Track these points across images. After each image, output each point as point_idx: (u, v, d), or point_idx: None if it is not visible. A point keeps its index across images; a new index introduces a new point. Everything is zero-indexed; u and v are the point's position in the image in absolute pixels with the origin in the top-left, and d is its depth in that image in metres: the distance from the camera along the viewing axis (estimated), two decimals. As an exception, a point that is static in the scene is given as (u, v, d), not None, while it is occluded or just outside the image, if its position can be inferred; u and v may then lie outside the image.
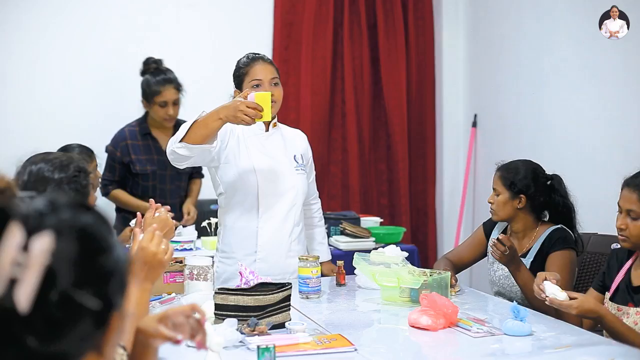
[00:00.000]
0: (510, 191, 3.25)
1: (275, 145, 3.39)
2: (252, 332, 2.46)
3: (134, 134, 4.50)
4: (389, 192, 5.70)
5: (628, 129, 4.14)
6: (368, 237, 4.42)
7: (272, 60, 3.41)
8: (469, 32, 5.64)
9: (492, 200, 3.30)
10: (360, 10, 5.55)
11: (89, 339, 1.00)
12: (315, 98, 5.49)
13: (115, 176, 4.47)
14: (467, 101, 5.67)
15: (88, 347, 1.00)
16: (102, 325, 1.01)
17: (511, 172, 3.28)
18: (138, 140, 4.49)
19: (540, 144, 4.79)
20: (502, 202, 3.27)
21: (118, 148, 4.47)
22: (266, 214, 3.31)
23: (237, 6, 5.45)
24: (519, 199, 3.25)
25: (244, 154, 3.28)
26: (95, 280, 1.00)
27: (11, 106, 5.00)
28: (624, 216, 2.67)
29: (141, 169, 4.45)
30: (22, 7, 5.01)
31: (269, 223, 3.31)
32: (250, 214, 3.31)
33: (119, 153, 4.46)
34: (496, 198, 3.28)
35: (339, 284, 3.31)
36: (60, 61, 5.09)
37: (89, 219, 1.03)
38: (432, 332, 2.57)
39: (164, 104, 4.46)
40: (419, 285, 2.89)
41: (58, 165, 2.15)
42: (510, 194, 3.25)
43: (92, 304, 0.98)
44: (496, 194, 3.29)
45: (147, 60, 4.59)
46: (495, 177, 3.32)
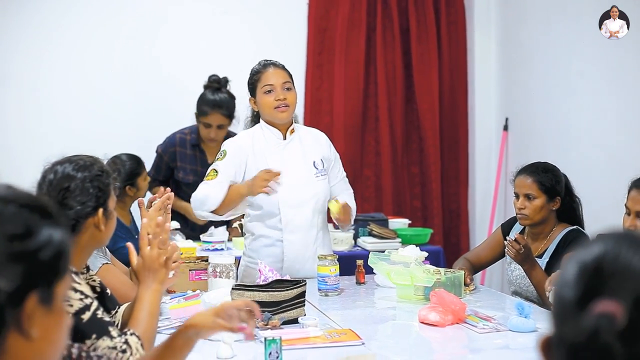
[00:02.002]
0: (546, 195, 3.25)
1: (294, 154, 3.44)
2: (265, 326, 2.58)
3: (184, 142, 4.65)
4: (421, 194, 5.78)
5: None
6: (394, 238, 4.51)
7: (284, 66, 3.48)
8: (500, 37, 5.69)
9: (524, 205, 3.25)
10: (392, 15, 5.64)
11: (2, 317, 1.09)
12: (349, 102, 5.60)
13: (160, 176, 4.67)
14: (498, 105, 5.72)
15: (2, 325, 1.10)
16: (15, 305, 1.10)
17: (547, 175, 3.27)
18: (187, 149, 4.64)
19: (568, 147, 4.83)
20: (539, 206, 3.23)
21: (167, 153, 4.64)
22: (289, 225, 3.38)
23: (271, 13, 5.58)
24: (554, 202, 3.28)
25: (263, 168, 3.32)
26: (5, 262, 1.10)
27: (18, 108, 5.21)
28: (633, 217, 2.73)
29: (184, 177, 4.61)
30: (46, 12, 5.23)
31: (293, 234, 3.39)
32: (274, 225, 3.39)
33: (166, 158, 4.64)
34: (529, 203, 3.24)
35: (358, 283, 3.42)
36: (84, 65, 5.28)
37: (11, 207, 1.15)
38: (441, 328, 2.67)
39: (208, 126, 4.55)
40: (432, 283, 2.98)
41: (82, 165, 2.29)
42: (547, 198, 3.25)
43: (2, 284, 1.08)
44: (530, 198, 3.25)
45: (210, 77, 4.67)
46: (528, 181, 3.26)
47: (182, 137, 4.66)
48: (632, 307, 0.96)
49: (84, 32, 5.28)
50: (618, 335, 0.95)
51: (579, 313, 0.98)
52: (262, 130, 3.46)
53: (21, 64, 5.20)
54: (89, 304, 2.10)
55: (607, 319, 0.95)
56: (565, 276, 1.03)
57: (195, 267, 3.28)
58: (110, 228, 2.33)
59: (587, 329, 0.96)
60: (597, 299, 0.97)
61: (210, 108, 4.52)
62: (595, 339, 0.95)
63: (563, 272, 1.04)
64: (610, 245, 1.02)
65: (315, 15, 5.57)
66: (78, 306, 2.07)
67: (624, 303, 0.96)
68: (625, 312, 0.95)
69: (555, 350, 1.02)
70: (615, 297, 0.96)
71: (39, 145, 4.66)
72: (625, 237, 1.04)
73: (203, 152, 4.65)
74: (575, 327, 0.98)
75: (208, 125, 4.54)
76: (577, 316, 0.98)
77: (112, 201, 2.34)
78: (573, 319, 0.99)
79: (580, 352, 0.97)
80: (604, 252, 1.01)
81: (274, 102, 3.36)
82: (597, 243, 1.03)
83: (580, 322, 0.97)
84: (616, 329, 0.95)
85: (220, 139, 4.40)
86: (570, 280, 1.01)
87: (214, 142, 4.54)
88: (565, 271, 1.03)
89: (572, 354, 0.98)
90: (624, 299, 0.96)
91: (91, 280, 2.45)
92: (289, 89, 3.39)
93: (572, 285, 1.01)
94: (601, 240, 1.04)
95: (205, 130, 4.56)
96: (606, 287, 0.98)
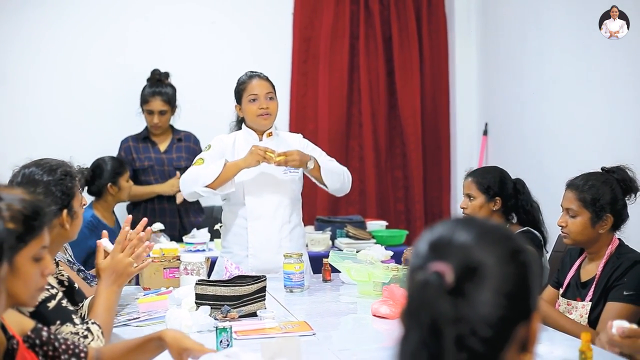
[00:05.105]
0: (485, 194, 3.45)
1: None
2: (224, 318, 2.76)
3: (135, 138, 5.09)
4: (405, 198, 5.95)
5: (623, 131, 4.28)
6: (369, 240, 4.68)
7: (268, 77, 3.78)
8: (480, 44, 5.86)
9: (466, 205, 3.47)
10: (375, 24, 5.82)
11: None
12: (333, 109, 5.78)
13: None
14: (478, 110, 5.89)
15: None
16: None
17: (485, 177, 3.48)
18: (138, 143, 5.06)
19: (545, 150, 4.99)
20: (478, 205, 3.43)
21: (122, 149, 5.03)
22: (253, 214, 3.69)
23: (258, 24, 5.77)
24: (494, 202, 3.47)
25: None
26: None
27: (12, 110, 5.42)
28: (564, 214, 2.92)
29: (140, 165, 4.97)
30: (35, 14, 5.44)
31: (256, 222, 3.69)
32: (241, 214, 3.71)
33: (123, 154, 5.00)
34: (470, 203, 3.46)
35: (324, 280, 3.59)
36: (71, 71, 5.50)
37: None
38: (391, 320, 2.83)
39: (151, 112, 5.02)
40: (389, 279, 3.15)
41: (47, 169, 2.48)
42: (486, 197, 3.46)
43: None
44: (470, 198, 3.46)
45: (154, 71, 5.12)
46: (467, 182, 3.49)
47: (132, 136, 5.10)
48: (460, 270, 1.16)
49: (68, 40, 5.49)
50: (445, 291, 1.15)
51: (419, 272, 1.19)
52: (243, 134, 3.78)
53: (7, 70, 5.41)
54: (55, 294, 2.29)
55: (436, 275, 1.16)
56: (416, 249, 1.24)
57: (170, 266, 3.45)
58: (75, 225, 2.52)
59: (420, 282, 1.17)
60: (432, 262, 1.18)
61: (151, 95, 5.03)
62: (424, 289, 1.16)
63: (415, 246, 1.26)
64: (450, 225, 1.24)
65: (300, 25, 5.76)
66: (44, 295, 2.25)
67: (453, 266, 1.17)
68: (454, 273, 1.16)
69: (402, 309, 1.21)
70: (445, 260, 1.17)
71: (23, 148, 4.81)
72: (463, 219, 1.25)
73: (154, 142, 5.07)
74: (412, 282, 1.19)
75: (151, 112, 5.02)
76: (417, 275, 1.19)
77: (77, 201, 2.53)
78: (413, 278, 1.19)
79: (413, 302, 1.17)
80: (445, 229, 1.23)
81: (257, 110, 3.70)
82: (442, 223, 1.25)
83: (415, 278, 1.18)
84: (444, 285, 1.15)
85: (164, 125, 5.05)
86: (418, 251, 1.23)
87: (159, 129, 5.05)
88: (417, 245, 1.25)
89: (408, 306, 1.18)
90: (453, 263, 1.17)
91: (60, 275, 2.64)
92: (272, 99, 3.73)
93: (418, 254, 1.23)
94: (446, 221, 1.25)
95: (150, 117, 5.04)
96: (440, 254, 1.19)
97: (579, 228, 2.87)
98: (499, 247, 1.20)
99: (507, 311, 1.16)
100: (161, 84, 5.07)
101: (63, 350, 1.95)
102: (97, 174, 4.52)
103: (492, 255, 1.18)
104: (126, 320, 2.82)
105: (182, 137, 5.08)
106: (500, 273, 1.17)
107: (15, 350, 1.79)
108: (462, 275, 1.16)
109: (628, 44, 4.08)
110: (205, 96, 5.50)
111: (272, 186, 3.71)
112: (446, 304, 1.14)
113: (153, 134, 5.08)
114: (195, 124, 5.22)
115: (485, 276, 1.16)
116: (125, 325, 2.78)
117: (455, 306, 1.14)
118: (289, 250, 3.57)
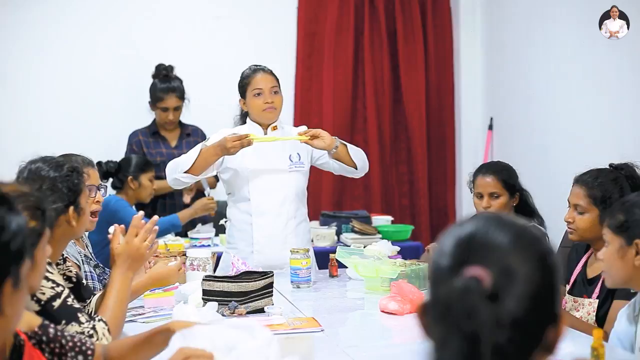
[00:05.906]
0: (508, 192, 3.45)
1: (271, 146, 3.66)
2: (232, 314, 2.75)
3: (145, 132, 5.05)
4: (410, 192, 5.93)
5: (629, 126, 4.27)
6: (375, 235, 4.66)
7: (272, 71, 3.74)
8: (485, 38, 5.84)
9: (488, 204, 3.47)
10: (380, 18, 5.80)
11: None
12: (337, 103, 5.76)
13: None
14: (483, 105, 5.87)
15: None
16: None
17: (510, 174, 3.49)
18: (148, 137, 5.02)
19: (550, 144, 4.98)
20: (503, 204, 3.44)
21: (132, 143, 4.99)
22: (258, 209, 3.64)
23: (263, 18, 5.76)
24: (515, 198, 3.47)
25: (239, 156, 3.58)
26: None
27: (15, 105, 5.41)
28: (572, 210, 2.89)
29: (152, 160, 4.87)
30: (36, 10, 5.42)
31: (262, 218, 3.64)
32: (246, 210, 3.66)
33: (134, 147, 4.96)
34: (494, 202, 3.45)
35: (331, 276, 3.58)
36: (70, 68, 5.48)
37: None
38: (399, 317, 2.82)
39: (166, 110, 4.96)
40: (396, 275, 3.13)
41: (54, 165, 2.46)
42: (509, 195, 3.46)
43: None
44: (495, 196, 3.45)
45: (159, 66, 5.08)
46: (488, 179, 3.48)
47: (141, 130, 5.06)
48: (498, 275, 1.13)
49: (72, 35, 5.47)
50: (484, 297, 1.12)
51: (452, 277, 1.15)
52: (247, 128, 3.72)
53: (11, 65, 5.40)
54: (60, 292, 2.27)
55: (475, 281, 1.13)
56: (442, 247, 1.20)
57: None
58: (82, 222, 2.49)
59: (458, 289, 1.13)
60: (467, 265, 1.15)
61: (165, 92, 4.97)
62: (465, 297, 1.12)
63: (440, 244, 1.21)
64: (481, 223, 1.20)
65: (304, 19, 5.74)
66: (50, 294, 2.24)
67: (491, 271, 1.13)
68: (492, 279, 1.13)
69: (430, 312, 1.18)
70: (483, 265, 1.14)
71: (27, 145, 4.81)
72: (494, 217, 1.21)
73: (163, 137, 5.04)
74: (448, 288, 1.15)
75: (165, 109, 4.98)
76: (450, 280, 1.15)
77: (84, 197, 2.51)
78: (447, 282, 1.16)
79: (451, 309, 1.13)
80: (476, 229, 1.19)
81: (262, 105, 3.65)
82: (470, 221, 1.21)
83: (452, 284, 1.14)
84: (483, 291, 1.12)
85: (177, 120, 5.05)
86: (446, 250, 1.19)
87: (172, 125, 5.03)
88: (442, 243, 1.21)
89: (444, 313, 1.15)
90: (491, 268, 1.14)
91: (67, 270, 2.62)
92: (276, 93, 3.69)
93: (447, 254, 1.19)
94: (474, 218, 1.21)
95: (164, 114, 4.98)
96: (476, 257, 1.15)
97: (587, 225, 2.85)
98: (532, 250, 1.17)
99: (539, 315, 1.15)
100: (171, 79, 5.03)
101: (70, 348, 1.93)
102: (122, 167, 4.57)
103: (527, 259, 1.15)
104: (132, 316, 2.81)
105: (190, 132, 5.07)
106: (532, 277, 1.14)
107: (23, 347, 1.78)
108: (499, 281, 1.13)
109: (630, 40, 4.07)
110: (209, 90, 5.46)
111: (278, 181, 3.66)
112: (487, 311, 1.11)
113: (164, 129, 5.05)
114: (200, 118, 5.20)
115: (519, 281, 1.13)
116: (131, 321, 2.76)
117: (494, 313, 1.12)
118: (294, 246, 3.55)
